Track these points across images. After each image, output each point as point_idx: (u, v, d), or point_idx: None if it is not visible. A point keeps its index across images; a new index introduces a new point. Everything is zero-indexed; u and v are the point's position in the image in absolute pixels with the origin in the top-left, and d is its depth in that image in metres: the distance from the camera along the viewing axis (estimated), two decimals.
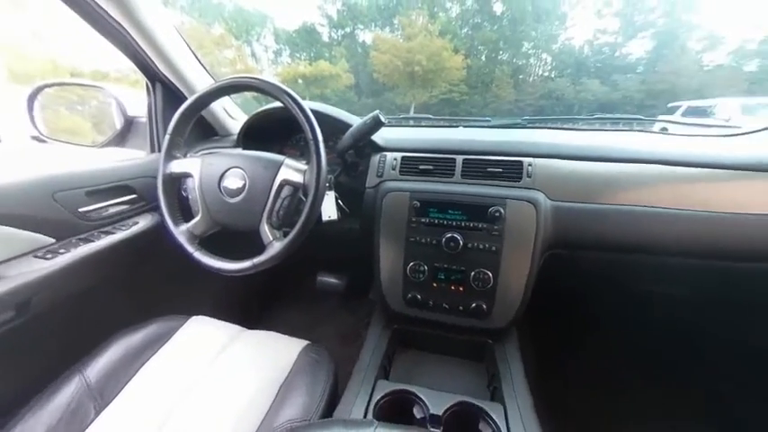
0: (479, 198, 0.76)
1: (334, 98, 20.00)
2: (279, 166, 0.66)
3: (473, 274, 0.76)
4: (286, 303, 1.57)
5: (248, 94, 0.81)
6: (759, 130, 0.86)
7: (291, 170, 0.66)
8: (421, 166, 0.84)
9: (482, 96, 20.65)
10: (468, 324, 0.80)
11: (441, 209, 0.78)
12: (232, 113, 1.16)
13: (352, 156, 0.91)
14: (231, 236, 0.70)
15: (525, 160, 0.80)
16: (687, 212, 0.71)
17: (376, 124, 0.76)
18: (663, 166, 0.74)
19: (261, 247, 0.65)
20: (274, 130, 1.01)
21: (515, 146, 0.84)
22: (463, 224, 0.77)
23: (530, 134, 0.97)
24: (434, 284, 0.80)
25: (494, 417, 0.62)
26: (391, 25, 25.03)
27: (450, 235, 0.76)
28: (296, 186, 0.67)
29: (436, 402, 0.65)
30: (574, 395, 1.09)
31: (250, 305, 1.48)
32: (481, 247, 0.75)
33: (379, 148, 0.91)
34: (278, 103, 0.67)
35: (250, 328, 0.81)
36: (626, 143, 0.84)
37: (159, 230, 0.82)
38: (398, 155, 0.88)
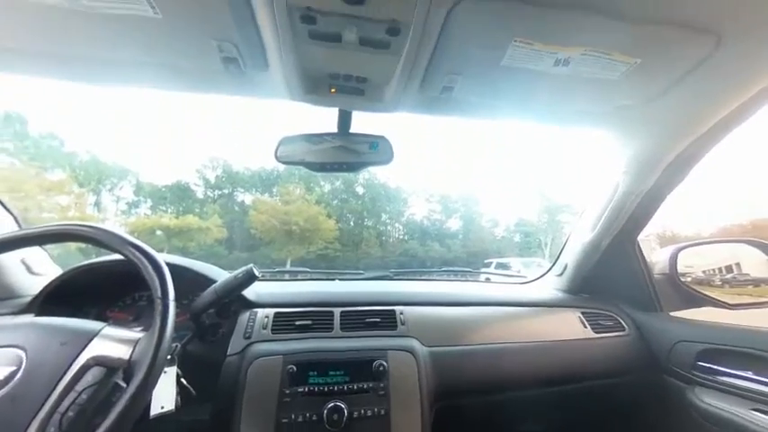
0: (362, 352, 0.73)
1: (199, 252, 18.44)
2: (90, 337, 0.48)
3: None
4: None
5: (73, 246, 0.65)
6: (535, 279, 1.33)
7: (111, 342, 0.49)
8: (297, 322, 0.78)
9: (354, 253, 23.65)
10: None
11: (321, 371, 0.69)
12: (36, 268, 0.87)
13: (211, 316, 0.77)
14: None
15: (397, 309, 0.86)
16: (521, 344, 0.87)
17: (249, 278, 0.71)
18: (496, 307, 0.96)
19: None
20: (97, 289, 0.79)
21: (387, 296, 0.92)
22: (346, 387, 0.68)
23: (397, 285, 1.12)
24: None
25: None
26: (270, 192, 28.14)
27: (332, 404, 0.65)
28: (111, 367, 0.48)
29: None
30: None
31: None
32: (369, 413, 0.66)
33: (250, 305, 0.82)
34: (115, 256, 0.56)
35: None
36: (467, 290, 1.10)
37: None
38: (271, 311, 0.80)
